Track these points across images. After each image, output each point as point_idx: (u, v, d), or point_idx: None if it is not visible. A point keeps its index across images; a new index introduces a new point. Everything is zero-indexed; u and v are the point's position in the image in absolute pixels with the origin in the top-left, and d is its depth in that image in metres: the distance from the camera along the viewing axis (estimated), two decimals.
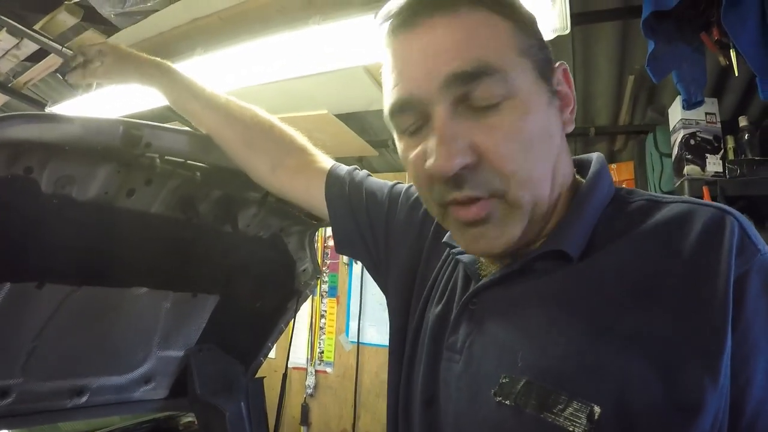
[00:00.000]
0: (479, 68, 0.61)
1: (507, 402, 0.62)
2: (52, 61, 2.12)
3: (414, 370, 0.81)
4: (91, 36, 1.85)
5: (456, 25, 0.63)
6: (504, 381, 0.63)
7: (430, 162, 0.63)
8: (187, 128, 1.17)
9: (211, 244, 1.49)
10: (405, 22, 0.66)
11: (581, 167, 0.76)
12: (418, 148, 0.66)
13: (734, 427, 0.55)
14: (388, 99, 0.69)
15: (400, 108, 0.67)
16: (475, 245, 0.68)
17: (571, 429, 0.56)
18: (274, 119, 1.13)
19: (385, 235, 0.98)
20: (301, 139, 1.13)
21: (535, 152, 0.64)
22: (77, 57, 1.22)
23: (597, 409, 0.55)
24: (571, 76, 0.72)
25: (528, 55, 0.65)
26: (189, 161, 1.20)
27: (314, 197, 1.06)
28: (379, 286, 1.03)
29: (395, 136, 0.73)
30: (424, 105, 0.64)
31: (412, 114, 0.66)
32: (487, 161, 0.62)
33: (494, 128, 0.62)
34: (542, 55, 0.67)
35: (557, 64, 0.71)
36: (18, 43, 2.00)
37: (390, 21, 0.68)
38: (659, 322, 0.56)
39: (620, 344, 0.57)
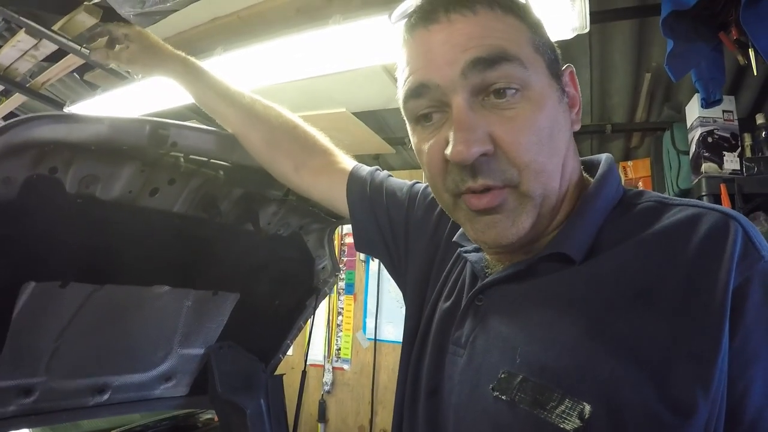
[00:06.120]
0: (498, 54, 0.63)
1: (503, 397, 0.63)
2: (71, 62, 2.13)
3: (422, 363, 0.82)
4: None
5: (474, 21, 0.65)
6: (502, 376, 0.64)
7: (449, 150, 0.64)
8: (212, 127, 1.17)
9: (232, 243, 1.49)
10: (424, 18, 0.67)
11: (591, 168, 0.77)
12: (434, 138, 0.68)
13: None
14: (403, 88, 0.71)
15: (416, 92, 0.68)
16: (486, 234, 0.68)
17: (562, 426, 0.57)
18: (298, 119, 1.14)
19: (405, 233, 0.99)
20: (324, 139, 1.13)
21: (549, 145, 0.66)
22: (103, 32, 1.20)
23: (588, 408, 0.56)
24: (576, 78, 0.75)
25: (541, 53, 0.68)
26: (213, 160, 1.20)
27: (336, 197, 1.07)
28: (397, 284, 1.04)
29: (409, 127, 0.74)
30: (443, 92, 0.65)
31: (428, 99, 0.67)
32: (503, 151, 0.64)
33: (511, 120, 0.64)
34: (553, 56, 0.71)
35: (564, 67, 0.73)
36: (37, 44, 2.02)
37: (407, 19, 0.70)
38: (654, 327, 0.57)
39: (614, 346, 0.58)
